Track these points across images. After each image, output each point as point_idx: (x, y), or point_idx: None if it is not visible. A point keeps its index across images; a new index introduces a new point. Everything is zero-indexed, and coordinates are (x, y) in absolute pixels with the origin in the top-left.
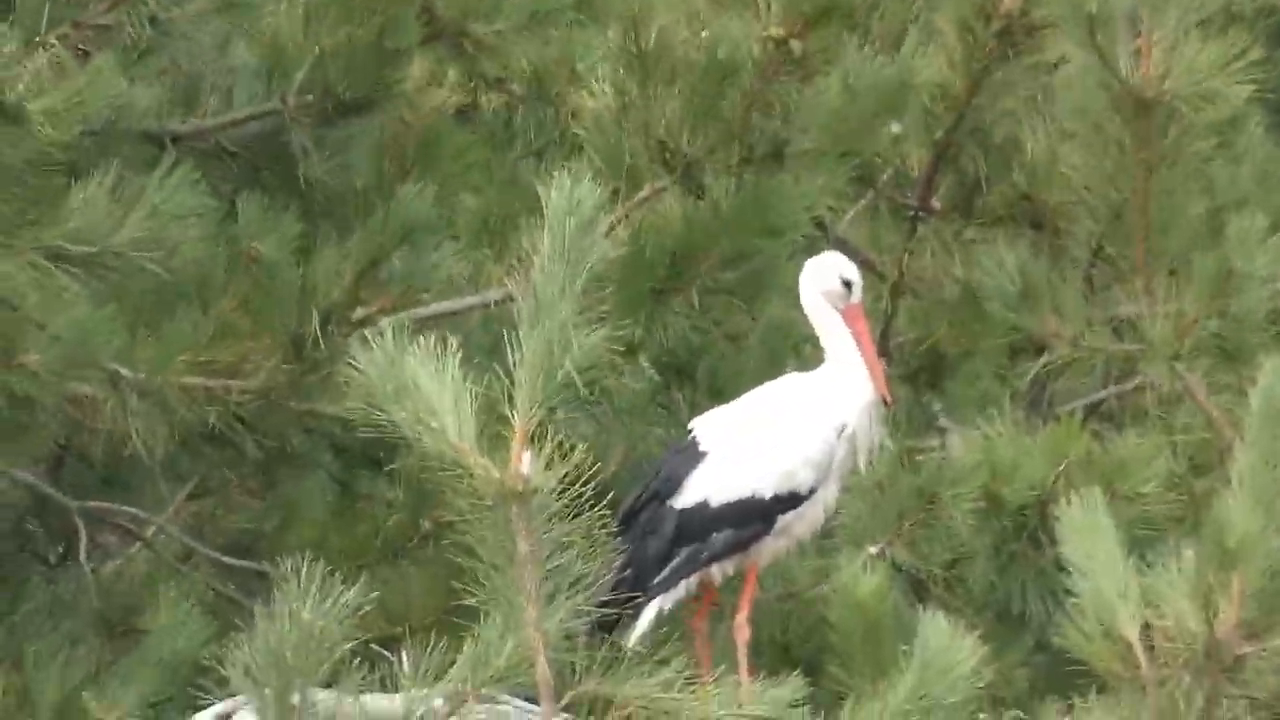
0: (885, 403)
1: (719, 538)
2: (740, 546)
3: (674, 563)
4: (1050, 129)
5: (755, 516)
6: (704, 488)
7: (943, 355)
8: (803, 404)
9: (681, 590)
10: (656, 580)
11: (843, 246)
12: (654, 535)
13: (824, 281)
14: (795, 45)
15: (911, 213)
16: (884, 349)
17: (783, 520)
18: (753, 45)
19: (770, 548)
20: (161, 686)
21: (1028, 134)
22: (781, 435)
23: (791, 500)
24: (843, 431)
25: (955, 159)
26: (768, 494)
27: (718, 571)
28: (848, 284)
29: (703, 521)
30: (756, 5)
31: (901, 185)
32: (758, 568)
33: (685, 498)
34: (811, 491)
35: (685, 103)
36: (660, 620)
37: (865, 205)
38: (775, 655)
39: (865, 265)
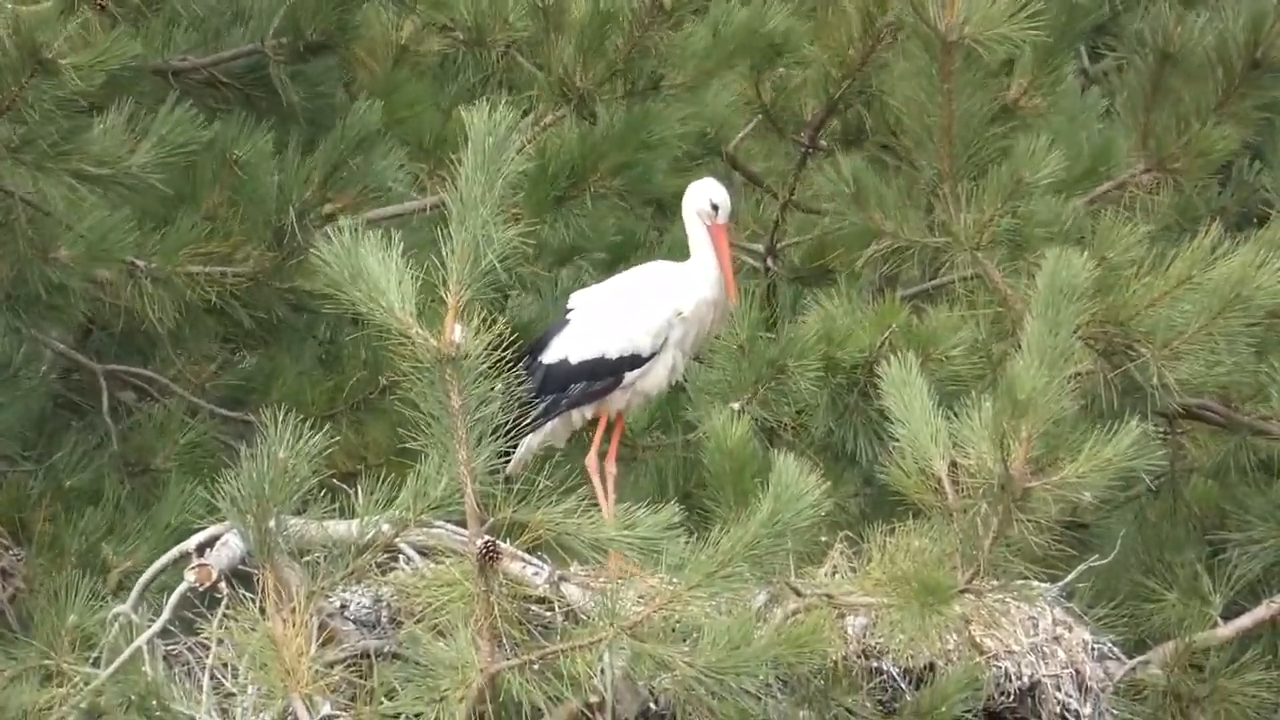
0: (731, 301)
1: (576, 389)
2: (594, 396)
3: (540, 407)
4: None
5: (605, 373)
6: (565, 347)
7: (823, 266)
8: (654, 286)
9: (548, 429)
10: (527, 421)
11: (735, 167)
12: (527, 384)
13: (697, 201)
14: (666, 0)
15: (803, 149)
16: (772, 251)
17: (630, 377)
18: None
19: (620, 400)
20: (166, 548)
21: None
22: (629, 309)
23: (634, 361)
24: (679, 314)
25: (844, 110)
26: (614, 355)
27: (577, 416)
28: (715, 206)
29: (563, 375)
30: None
31: (794, 125)
32: (623, 418)
33: (550, 354)
34: (652, 356)
35: (578, 46)
36: (529, 453)
37: (755, 131)
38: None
39: (757, 184)
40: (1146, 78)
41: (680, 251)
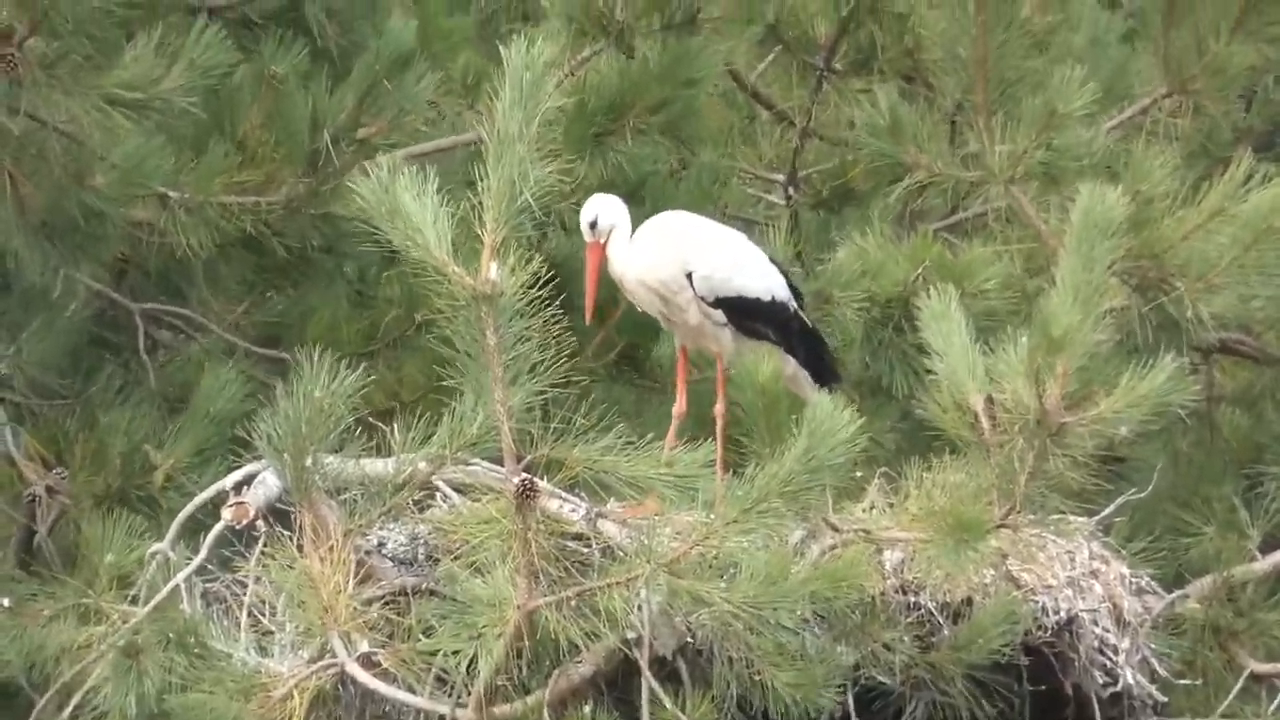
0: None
1: None
2: None
3: None
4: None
5: None
6: None
7: (844, 186)
8: None
9: None
10: None
11: (756, 97)
12: None
13: (583, 215)
14: None
15: (818, 72)
16: (793, 180)
17: None
18: None
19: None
20: (208, 438)
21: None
22: None
23: None
24: None
25: (856, 30)
26: None
27: None
28: (591, 224)
29: None
30: None
31: (808, 49)
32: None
33: None
34: None
35: None
36: None
37: (776, 63)
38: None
39: (777, 115)
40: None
41: (699, 188)
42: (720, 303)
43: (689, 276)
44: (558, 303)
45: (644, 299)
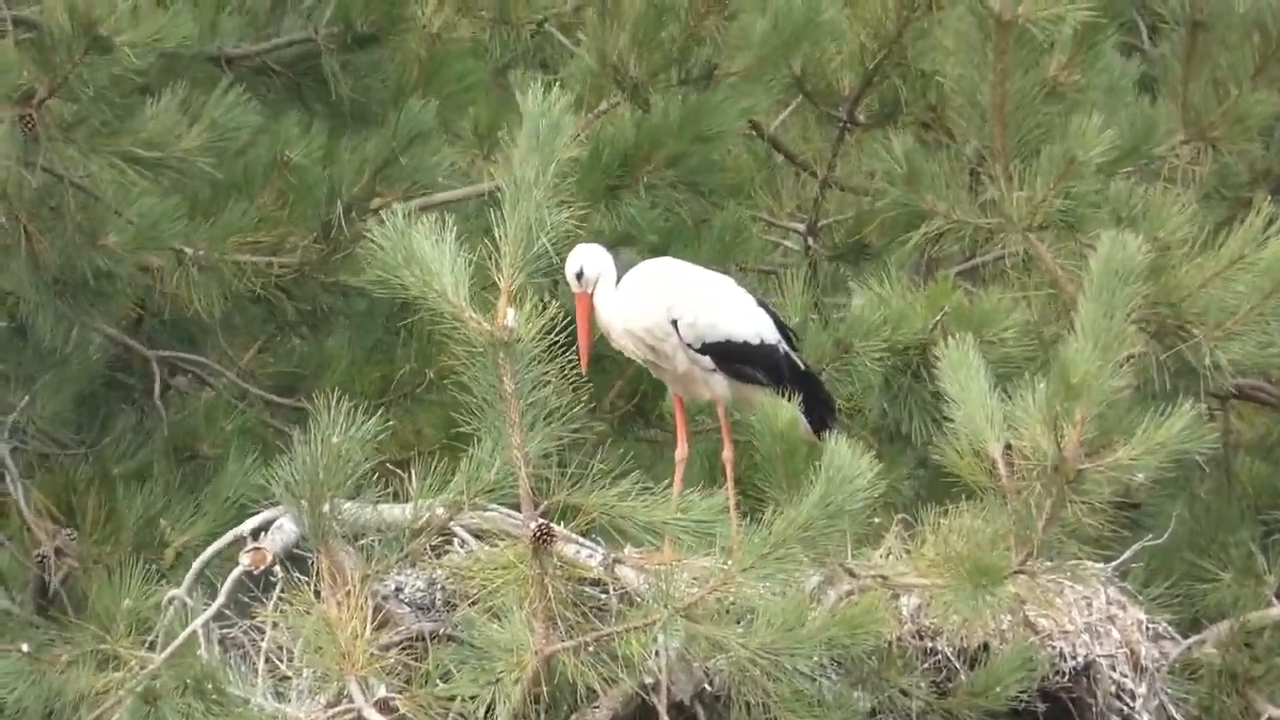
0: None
1: None
2: None
3: None
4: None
5: None
6: None
7: (863, 239)
8: None
9: None
10: None
11: (776, 147)
12: None
13: (569, 266)
14: None
15: (841, 124)
16: (813, 230)
17: None
18: None
19: None
20: (225, 524)
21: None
22: None
23: None
24: None
25: (880, 83)
26: None
27: None
28: (577, 275)
29: None
30: None
31: (831, 100)
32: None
33: None
34: None
35: (633, 35)
36: None
37: (796, 112)
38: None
39: (798, 164)
40: (1181, 48)
41: (719, 240)
42: (707, 348)
43: (674, 324)
44: (573, 349)
45: (631, 348)
